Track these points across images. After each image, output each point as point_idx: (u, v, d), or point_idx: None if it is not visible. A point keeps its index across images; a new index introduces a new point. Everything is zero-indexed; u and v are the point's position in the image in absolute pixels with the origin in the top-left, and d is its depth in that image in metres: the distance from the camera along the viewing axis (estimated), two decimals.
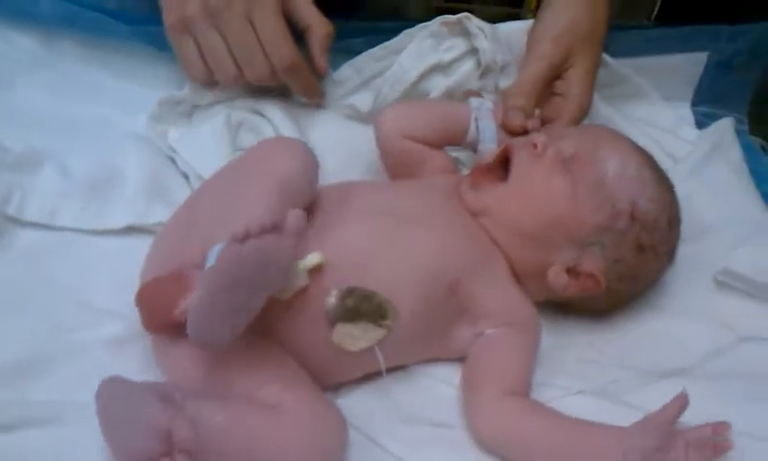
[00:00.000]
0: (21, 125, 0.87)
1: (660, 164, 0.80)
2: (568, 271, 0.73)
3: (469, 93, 0.86)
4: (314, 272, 0.66)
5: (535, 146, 0.75)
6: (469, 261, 0.73)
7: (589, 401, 0.72)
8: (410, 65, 0.92)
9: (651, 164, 0.77)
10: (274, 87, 0.90)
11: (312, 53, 0.88)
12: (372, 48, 0.93)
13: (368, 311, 0.67)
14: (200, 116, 0.92)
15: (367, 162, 0.89)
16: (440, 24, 0.92)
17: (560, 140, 0.75)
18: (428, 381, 0.74)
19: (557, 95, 0.87)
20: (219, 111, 0.90)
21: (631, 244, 0.74)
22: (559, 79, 0.87)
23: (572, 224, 0.73)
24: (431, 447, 0.69)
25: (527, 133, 0.80)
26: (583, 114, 0.87)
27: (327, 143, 0.88)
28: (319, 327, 0.67)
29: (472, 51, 0.92)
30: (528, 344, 0.73)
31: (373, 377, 0.72)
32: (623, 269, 0.74)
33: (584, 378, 0.75)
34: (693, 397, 0.67)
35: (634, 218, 0.73)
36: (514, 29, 0.94)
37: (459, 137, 0.83)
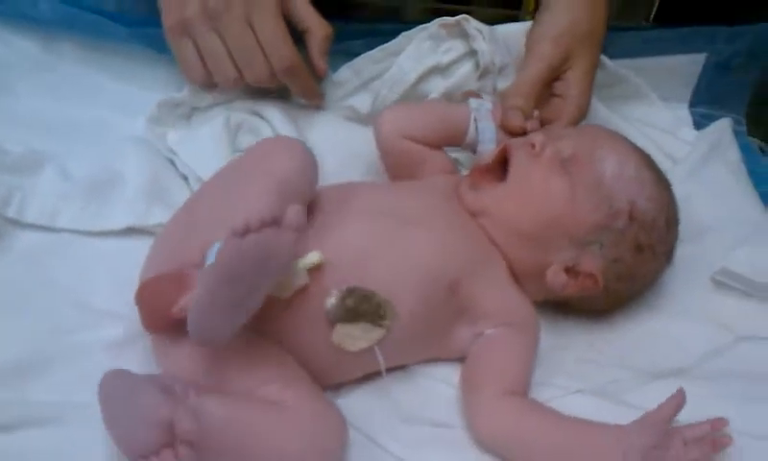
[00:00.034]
0: (21, 127, 0.87)
1: (659, 165, 0.80)
2: (567, 270, 0.73)
3: (469, 94, 0.87)
4: (314, 271, 0.66)
5: (533, 146, 0.75)
6: (469, 261, 0.73)
7: (588, 401, 0.72)
8: (409, 67, 0.92)
9: (649, 164, 0.78)
10: (273, 89, 0.90)
11: (311, 55, 0.88)
12: (371, 50, 0.93)
13: (367, 311, 0.67)
14: (199, 118, 0.92)
15: (366, 163, 0.90)
16: (438, 26, 0.92)
17: (558, 140, 0.75)
18: (428, 381, 0.74)
19: (556, 96, 0.87)
20: (218, 113, 0.90)
21: (629, 244, 0.74)
22: (558, 80, 0.87)
23: (570, 223, 0.73)
24: (431, 447, 0.69)
25: (526, 133, 0.80)
26: (582, 115, 0.87)
27: (327, 144, 0.88)
28: (319, 327, 0.67)
29: (471, 53, 0.93)
30: (527, 344, 0.73)
31: (373, 377, 0.72)
32: (621, 269, 0.75)
33: (583, 378, 0.75)
34: (692, 396, 0.67)
35: (632, 218, 0.73)
36: (512, 30, 0.94)
37: (458, 138, 0.83)
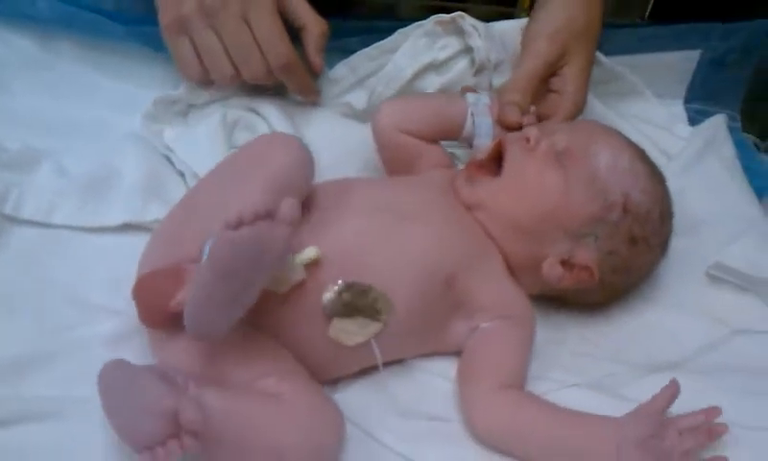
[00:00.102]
0: (18, 125, 0.87)
1: (654, 161, 0.80)
2: (563, 263, 0.74)
3: (467, 90, 0.87)
4: (311, 266, 0.67)
5: (528, 140, 0.75)
6: (465, 255, 0.73)
7: (584, 394, 0.73)
8: (405, 64, 0.92)
9: (643, 158, 0.78)
10: (269, 86, 0.90)
11: (307, 51, 0.88)
12: (367, 47, 0.93)
13: (364, 306, 0.68)
14: (195, 115, 0.92)
15: (362, 160, 0.90)
16: (434, 23, 0.92)
17: (552, 135, 0.76)
18: (425, 375, 0.74)
19: (552, 92, 0.88)
20: (214, 110, 0.91)
21: (624, 236, 0.74)
22: (554, 76, 0.87)
23: (565, 216, 0.73)
24: (428, 440, 0.69)
25: (522, 129, 0.81)
26: (578, 111, 0.87)
27: (323, 141, 0.88)
28: (316, 321, 0.67)
29: (466, 49, 0.93)
30: (523, 337, 0.73)
31: (370, 372, 0.72)
32: (617, 261, 0.75)
33: (579, 372, 0.75)
34: (687, 390, 0.68)
35: (626, 210, 0.74)
36: (507, 27, 0.95)
37: (455, 132, 0.83)
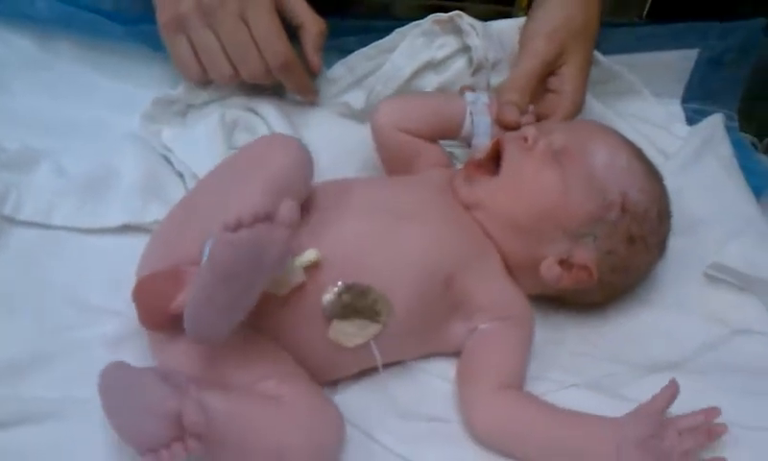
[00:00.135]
0: (17, 125, 0.87)
1: (652, 160, 0.80)
2: (561, 263, 0.74)
3: (466, 89, 0.87)
4: (310, 269, 0.67)
5: (525, 140, 0.75)
6: (464, 255, 0.73)
7: (583, 395, 0.73)
8: (403, 63, 0.92)
9: (640, 156, 0.78)
10: (267, 86, 0.90)
11: (305, 51, 0.88)
12: (365, 47, 0.93)
13: (363, 307, 0.68)
14: (194, 115, 0.92)
15: (361, 160, 0.90)
16: (432, 22, 0.92)
17: (549, 134, 0.76)
18: (424, 376, 0.74)
19: (550, 92, 0.88)
20: (213, 110, 0.91)
21: (622, 235, 0.74)
22: (552, 75, 0.88)
23: (563, 215, 0.73)
24: (428, 441, 0.69)
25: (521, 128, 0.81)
26: (576, 110, 0.87)
27: (321, 141, 0.88)
28: (315, 323, 0.67)
29: (464, 48, 0.93)
30: (522, 337, 0.74)
31: (370, 373, 0.72)
32: (615, 260, 0.75)
33: (578, 372, 0.75)
34: (687, 390, 0.68)
35: (624, 209, 0.74)
36: (505, 26, 0.95)
37: (454, 131, 0.83)
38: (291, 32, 0.86)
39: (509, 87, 0.85)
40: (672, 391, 0.68)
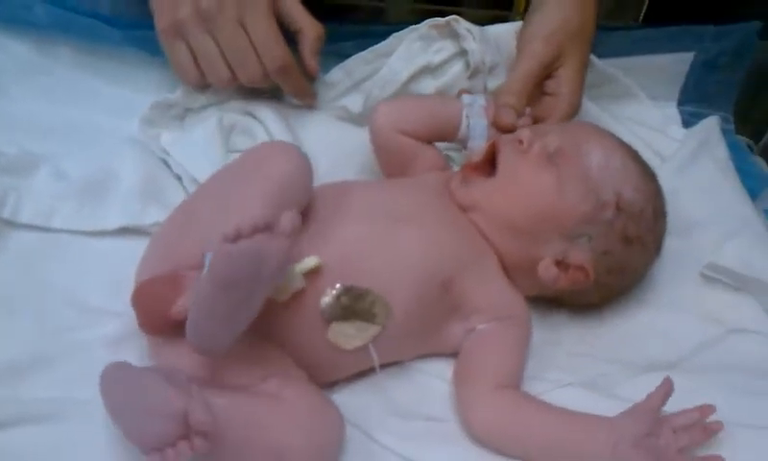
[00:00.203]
0: (16, 129, 0.87)
1: (648, 163, 0.80)
2: (558, 264, 0.74)
3: (464, 92, 0.87)
4: (310, 274, 0.67)
5: (520, 142, 0.75)
6: (461, 257, 0.73)
7: (580, 394, 0.73)
8: (400, 67, 0.92)
9: (634, 157, 0.78)
10: (266, 89, 0.90)
11: (303, 55, 0.88)
12: (362, 51, 0.94)
13: (362, 309, 0.68)
14: (192, 119, 0.92)
15: (359, 163, 0.90)
16: (429, 27, 0.92)
17: (545, 136, 0.76)
18: (422, 377, 0.74)
19: (547, 95, 0.88)
20: (211, 114, 0.91)
21: (618, 235, 0.74)
22: (549, 78, 0.88)
23: (559, 216, 0.73)
24: (427, 441, 0.69)
25: None
26: (573, 112, 0.88)
27: (319, 145, 0.89)
28: (315, 325, 0.68)
29: (461, 53, 0.93)
30: (519, 338, 0.74)
31: (368, 374, 0.72)
32: (611, 261, 0.75)
33: (574, 372, 0.76)
34: (682, 389, 0.68)
35: (619, 209, 0.74)
36: (502, 30, 0.95)
37: (450, 133, 0.84)
38: (289, 37, 0.87)
39: (506, 90, 0.86)
40: (667, 389, 0.68)
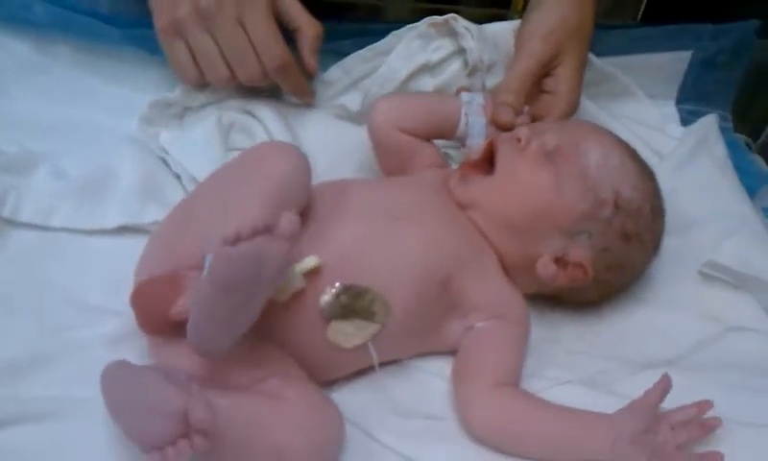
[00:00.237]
0: (15, 128, 0.88)
1: (647, 161, 0.80)
2: (557, 261, 0.74)
3: (463, 90, 0.87)
4: (310, 274, 0.67)
5: (518, 140, 0.75)
6: (460, 256, 0.73)
7: (579, 391, 0.73)
8: (398, 66, 0.92)
9: (633, 155, 0.78)
10: (264, 88, 0.90)
11: (302, 53, 0.88)
12: (361, 49, 0.94)
13: (361, 308, 0.68)
14: (191, 118, 0.92)
15: (357, 161, 0.90)
16: (427, 25, 0.92)
17: (542, 134, 0.76)
18: (421, 375, 0.75)
19: (546, 93, 0.88)
20: (210, 113, 0.91)
21: (617, 233, 0.74)
22: (547, 76, 0.88)
23: (558, 214, 0.73)
24: (425, 439, 0.69)
25: None
26: (572, 111, 0.88)
27: (318, 143, 0.89)
28: (314, 324, 0.68)
29: (460, 51, 0.93)
30: (518, 335, 0.74)
31: (368, 372, 0.72)
32: (610, 258, 0.75)
33: (573, 369, 0.76)
34: (681, 387, 0.69)
35: (618, 207, 0.74)
36: (500, 29, 0.95)
37: (449, 131, 0.84)
38: (287, 35, 0.87)
39: (504, 89, 0.86)
40: (664, 385, 0.68)
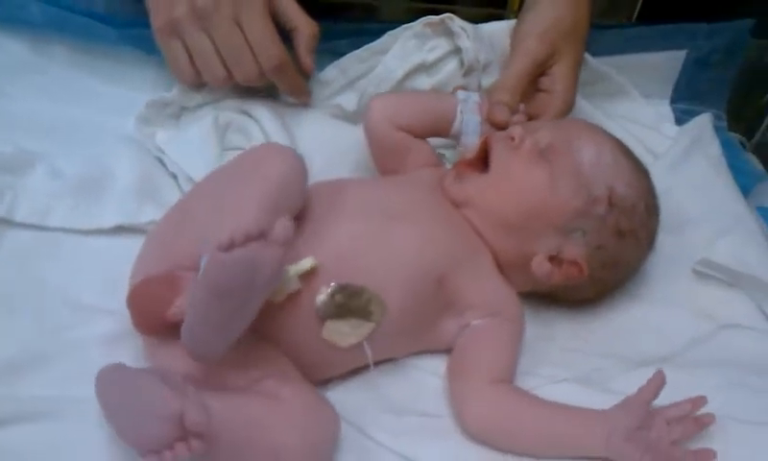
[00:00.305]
0: (11, 128, 0.88)
1: (641, 160, 0.80)
2: (551, 259, 0.74)
3: (459, 89, 0.87)
4: (306, 275, 0.67)
5: (512, 138, 0.76)
6: (455, 254, 0.73)
7: (573, 389, 0.73)
8: (395, 65, 0.93)
9: (626, 153, 0.79)
10: (261, 88, 0.90)
11: (298, 53, 0.89)
12: (357, 49, 0.94)
13: (357, 307, 0.68)
14: (187, 118, 0.92)
15: (353, 161, 0.90)
16: (423, 25, 0.93)
17: (536, 132, 0.76)
18: (416, 373, 0.75)
19: (542, 91, 0.88)
20: (206, 113, 0.91)
21: (611, 230, 0.75)
22: (543, 75, 0.88)
23: (552, 212, 0.74)
24: (420, 436, 0.69)
25: None
26: (567, 109, 0.88)
27: (314, 143, 0.89)
28: (310, 324, 0.68)
29: (455, 50, 0.94)
30: (513, 333, 0.74)
31: (362, 371, 0.72)
32: (605, 255, 0.75)
33: (568, 367, 0.76)
34: (675, 384, 0.69)
35: (612, 204, 0.74)
36: (496, 28, 0.95)
37: (444, 129, 0.84)
38: (284, 35, 0.87)
39: (500, 87, 0.86)
40: (659, 382, 0.69)
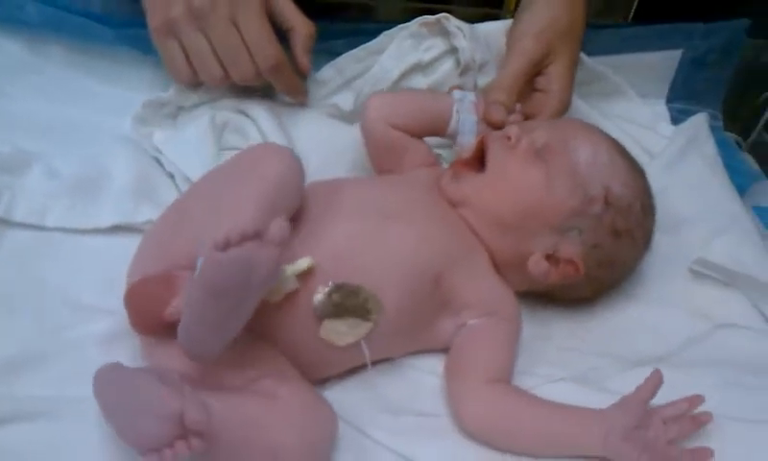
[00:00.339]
0: (8, 128, 0.87)
1: (637, 160, 0.80)
2: (548, 258, 0.74)
3: (456, 88, 0.87)
4: (303, 275, 0.67)
5: (508, 138, 0.76)
6: (452, 254, 0.74)
7: (570, 388, 0.73)
8: (391, 65, 0.93)
9: (622, 152, 0.79)
10: (258, 88, 0.91)
11: (295, 53, 0.89)
12: (353, 49, 0.94)
13: (354, 306, 0.68)
14: (184, 118, 0.92)
15: (350, 160, 0.90)
16: (419, 25, 0.93)
17: (532, 132, 0.76)
18: (413, 372, 0.75)
19: (538, 91, 0.89)
20: (203, 112, 0.91)
21: (607, 229, 0.75)
22: (539, 75, 0.88)
23: (548, 211, 0.74)
24: (417, 435, 0.69)
25: None
26: (564, 109, 0.88)
27: (311, 142, 0.89)
28: (307, 323, 0.68)
29: (452, 50, 0.94)
30: (510, 333, 0.74)
31: (360, 371, 0.72)
32: (601, 254, 0.75)
33: (565, 366, 0.76)
34: (672, 383, 0.69)
35: (608, 203, 0.74)
36: (492, 28, 0.95)
37: (441, 128, 0.84)
38: (281, 35, 0.87)
39: (496, 87, 0.86)
40: (656, 381, 0.69)
